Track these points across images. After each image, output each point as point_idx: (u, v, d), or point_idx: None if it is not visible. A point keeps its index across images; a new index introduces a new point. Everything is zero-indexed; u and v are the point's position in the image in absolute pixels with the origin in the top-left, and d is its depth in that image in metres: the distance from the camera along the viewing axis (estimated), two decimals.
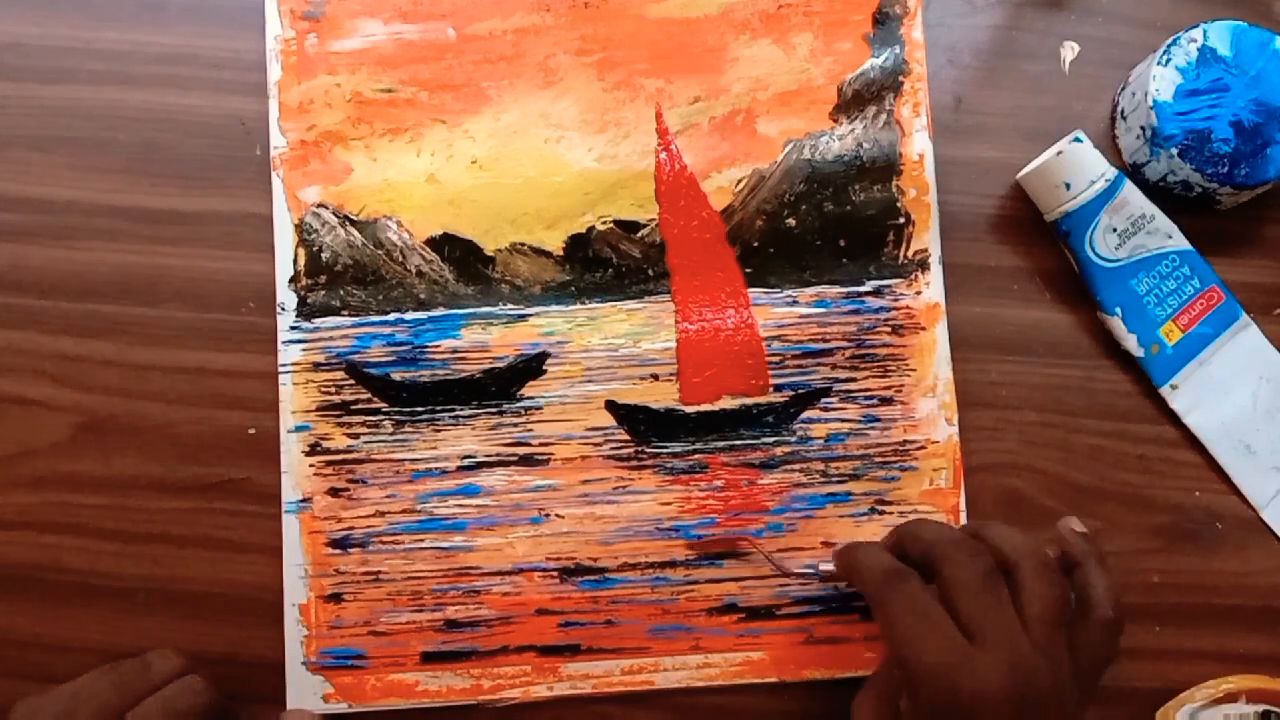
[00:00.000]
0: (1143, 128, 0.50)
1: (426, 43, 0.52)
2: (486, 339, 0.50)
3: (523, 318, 0.51)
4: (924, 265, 0.51)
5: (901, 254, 0.51)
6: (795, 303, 0.51)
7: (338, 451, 0.50)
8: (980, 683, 0.38)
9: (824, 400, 0.50)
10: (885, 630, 0.41)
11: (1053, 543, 0.44)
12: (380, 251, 0.51)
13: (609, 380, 0.50)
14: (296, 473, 0.50)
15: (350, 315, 0.50)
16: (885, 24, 0.52)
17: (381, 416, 0.50)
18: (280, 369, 0.50)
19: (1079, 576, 0.43)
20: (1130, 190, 0.49)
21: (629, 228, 0.51)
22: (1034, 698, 0.38)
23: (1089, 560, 0.43)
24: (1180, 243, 0.50)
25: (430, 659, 0.49)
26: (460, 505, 0.50)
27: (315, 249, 0.51)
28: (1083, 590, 0.42)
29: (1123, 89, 0.52)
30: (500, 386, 0.50)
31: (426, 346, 0.50)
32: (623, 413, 0.50)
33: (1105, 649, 0.41)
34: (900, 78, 0.51)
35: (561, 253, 0.51)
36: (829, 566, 0.46)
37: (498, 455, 0.50)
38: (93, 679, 0.44)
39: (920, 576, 0.41)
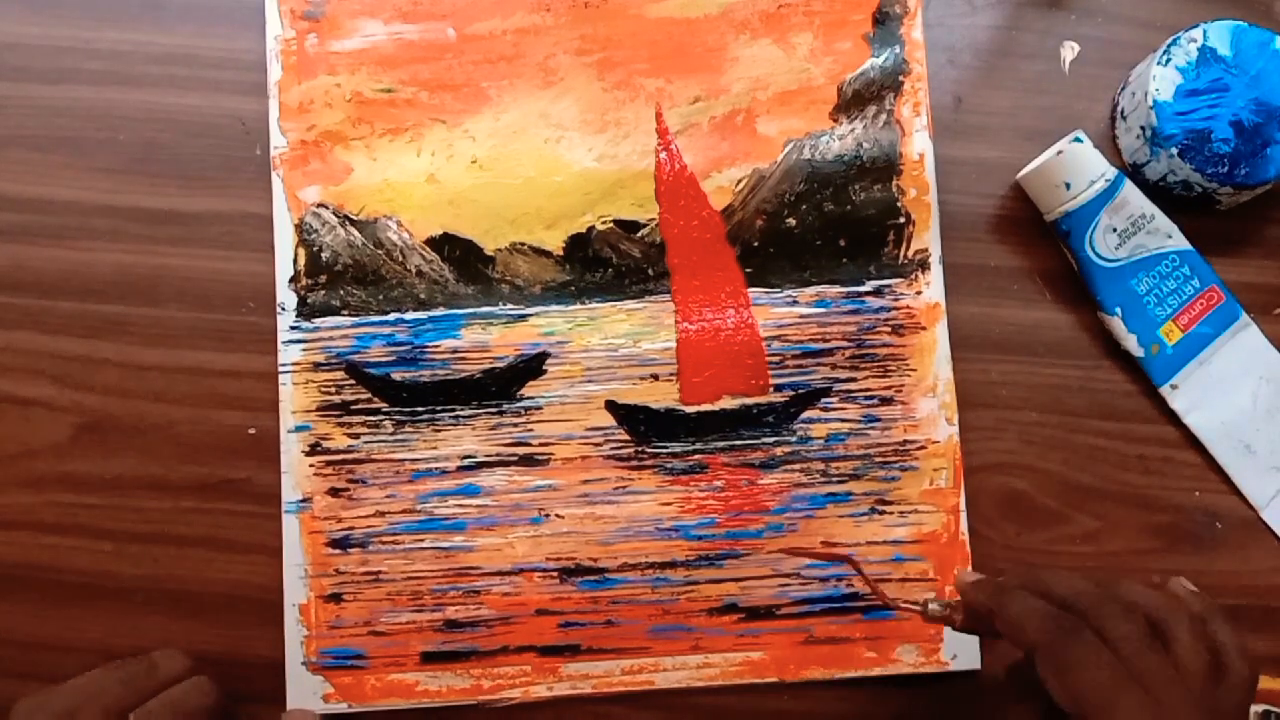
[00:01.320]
0: (1143, 128, 0.50)
1: (426, 43, 0.52)
2: (486, 339, 0.50)
3: (523, 318, 0.51)
4: (924, 265, 0.51)
5: (901, 254, 0.51)
6: (795, 303, 0.51)
7: (338, 451, 0.50)
8: None
9: (824, 400, 0.50)
10: (1064, 685, 0.38)
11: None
12: (380, 251, 0.51)
13: (609, 380, 0.50)
14: (296, 473, 0.50)
15: (350, 315, 0.50)
16: (885, 24, 0.52)
17: (382, 416, 0.50)
18: (280, 369, 0.50)
19: (1210, 633, 0.40)
20: (1130, 190, 0.49)
21: (629, 228, 0.51)
22: None
23: (1215, 615, 0.41)
24: (1180, 243, 0.50)
25: (430, 659, 0.49)
26: (460, 505, 0.50)
27: (315, 249, 0.51)
28: (1217, 647, 0.40)
29: (1123, 89, 0.52)
30: (500, 386, 0.50)
31: (426, 346, 0.50)
32: (623, 413, 0.50)
33: (1243, 706, 0.39)
34: (900, 77, 0.51)
35: (561, 253, 0.51)
36: (938, 607, 0.43)
37: (498, 455, 0.50)
38: (98, 677, 0.44)
39: None
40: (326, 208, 0.51)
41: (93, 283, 0.51)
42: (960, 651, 0.49)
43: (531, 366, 0.50)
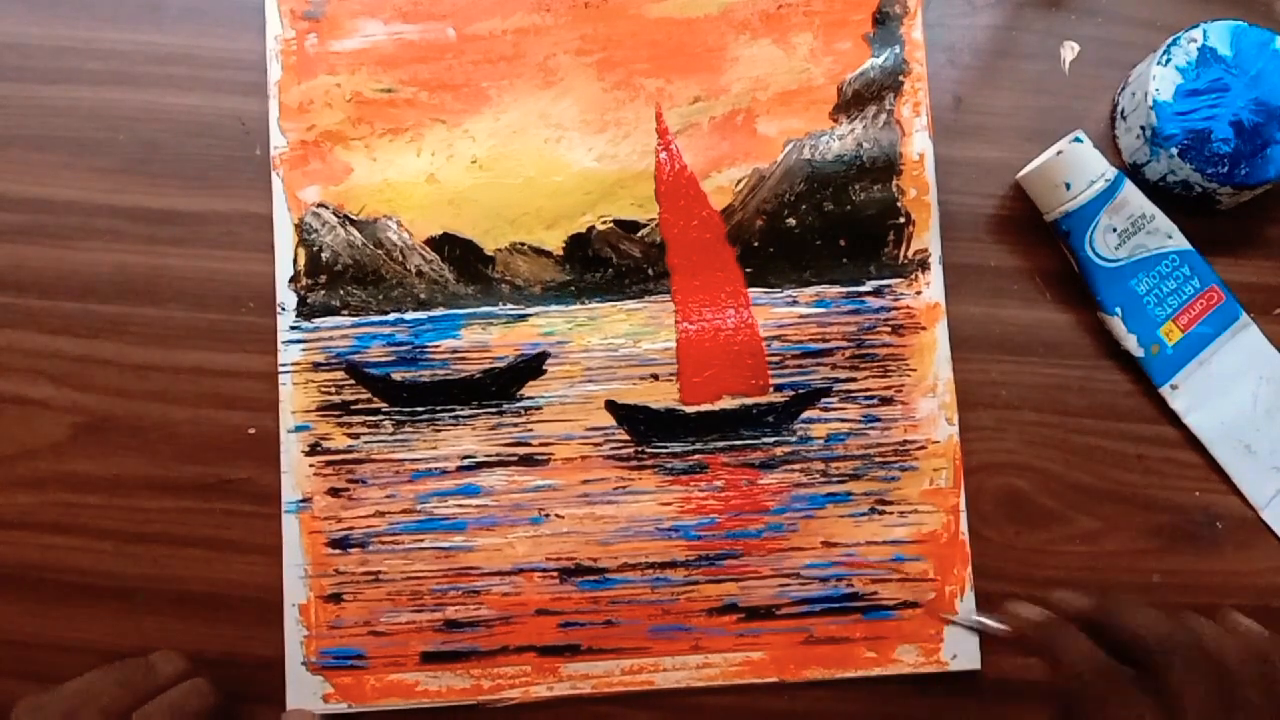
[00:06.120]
0: (1143, 128, 0.50)
1: (426, 43, 0.52)
2: (486, 339, 0.50)
3: (523, 318, 0.51)
4: (924, 265, 0.51)
5: (901, 254, 0.51)
6: (795, 303, 0.51)
7: (338, 451, 0.50)
8: None
9: (824, 400, 0.50)
10: None
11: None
12: (380, 251, 0.51)
13: (609, 380, 0.50)
14: (296, 473, 0.50)
15: (350, 315, 0.50)
16: (885, 24, 0.52)
17: (381, 416, 0.50)
18: (280, 369, 0.50)
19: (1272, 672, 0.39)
20: (1130, 190, 0.49)
21: (629, 227, 0.51)
22: None
23: (1277, 652, 0.39)
24: (1180, 243, 0.50)
25: (430, 659, 0.49)
26: (460, 505, 0.50)
27: (315, 249, 0.51)
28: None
29: (1123, 89, 0.52)
30: (500, 386, 0.50)
31: (426, 346, 0.50)
32: (623, 413, 0.50)
33: None
34: (900, 77, 0.51)
35: (561, 253, 0.51)
36: (996, 624, 0.45)
37: (498, 455, 0.50)
38: (97, 678, 0.44)
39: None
40: (326, 208, 0.51)
41: (93, 283, 0.51)
42: (960, 651, 0.49)
43: (531, 366, 0.50)
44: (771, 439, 0.50)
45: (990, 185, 0.52)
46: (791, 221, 0.51)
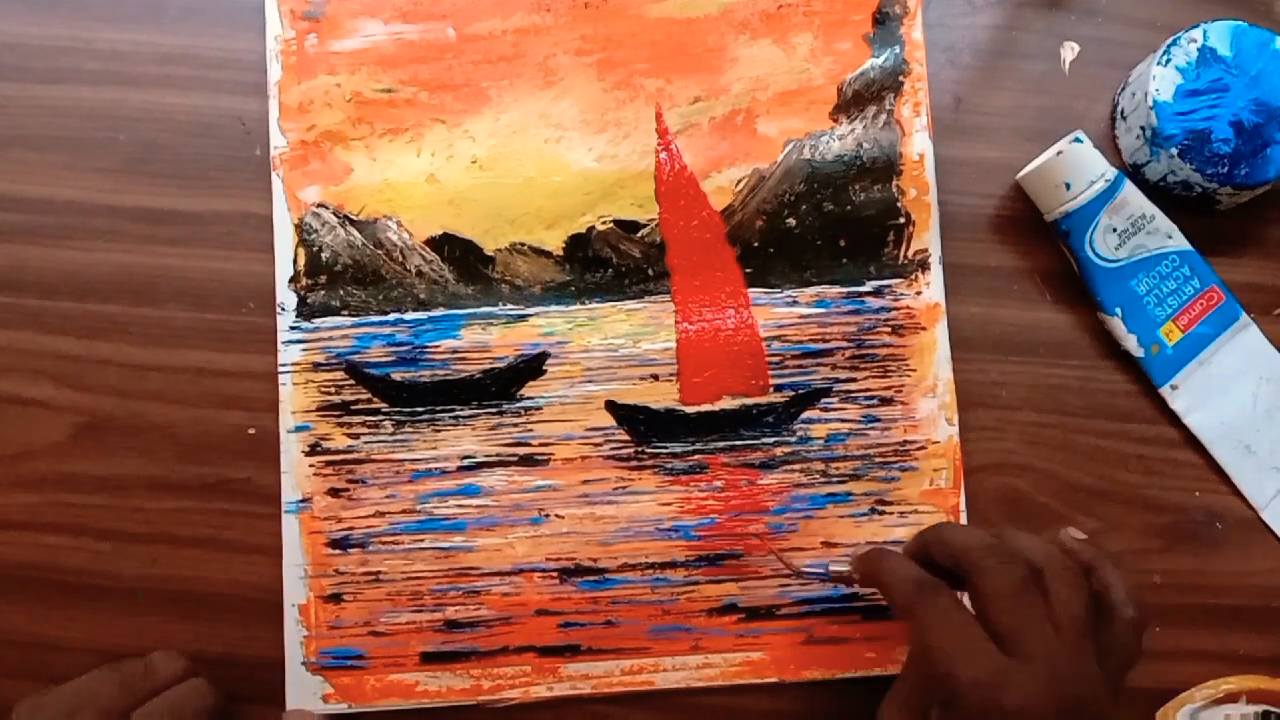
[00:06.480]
0: (1143, 128, 0.50)
1: (426, 43, 0.52)
2: (486, 339, 0.50)
3: (523, 318, 0.51)
4: (924, 265, 0.51)
5: (901, 254, 0.51)
6: (795, 303, 0.51)
7: (338, 451, 0.50)
8: (1023, 697, 0.37)
9: (824, 400, 0.50)
10: (919, 644, 0.40)
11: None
12: (380, 251, 0.51)
13: (609, 380, 0.50)
14: (296, 473, 0.50)
15: (350, 315, 0.50)
16: (885, 24, 0.52)
17: (381, 417, 0.50)
18: (280, 369, 0.50)
19: (1097, 579, 0.42)
20: (1130, 190, 0.49)
21: (629, 228, 0.51)
22: (1075, 705, 0.38)
23: (1103, 563, 0.43)
24: (1180, 243, 0.50)
25: (430, 659, 0.49)
26: (460, 505, 0.50)
27: (315, 249, 0.51)
28: (1103, 592, 0.41)
29: (1123, 89, 0.52)
30: (500, 387, 0.50)
31: (426, 346, 0.50)
32: (623, 413, 0.50)
33: (1130, 649, 0.41)
34: (900, 78, 0.51)
35: (561, 253, 0.51)
36: (839, 567, 0.46)
37: (498, 455, 0.50)
38: (96, 678, 0.44)
39: (949, 584, 0.41)
40: (326, 208, 0.51)
41: (93, 283, 0.51)
42: None
43: (531, 366, 0.50)
44: (771, 439, 0.50)
45: (990, 185, 0.52)
46: (791, 222, 0.51)
